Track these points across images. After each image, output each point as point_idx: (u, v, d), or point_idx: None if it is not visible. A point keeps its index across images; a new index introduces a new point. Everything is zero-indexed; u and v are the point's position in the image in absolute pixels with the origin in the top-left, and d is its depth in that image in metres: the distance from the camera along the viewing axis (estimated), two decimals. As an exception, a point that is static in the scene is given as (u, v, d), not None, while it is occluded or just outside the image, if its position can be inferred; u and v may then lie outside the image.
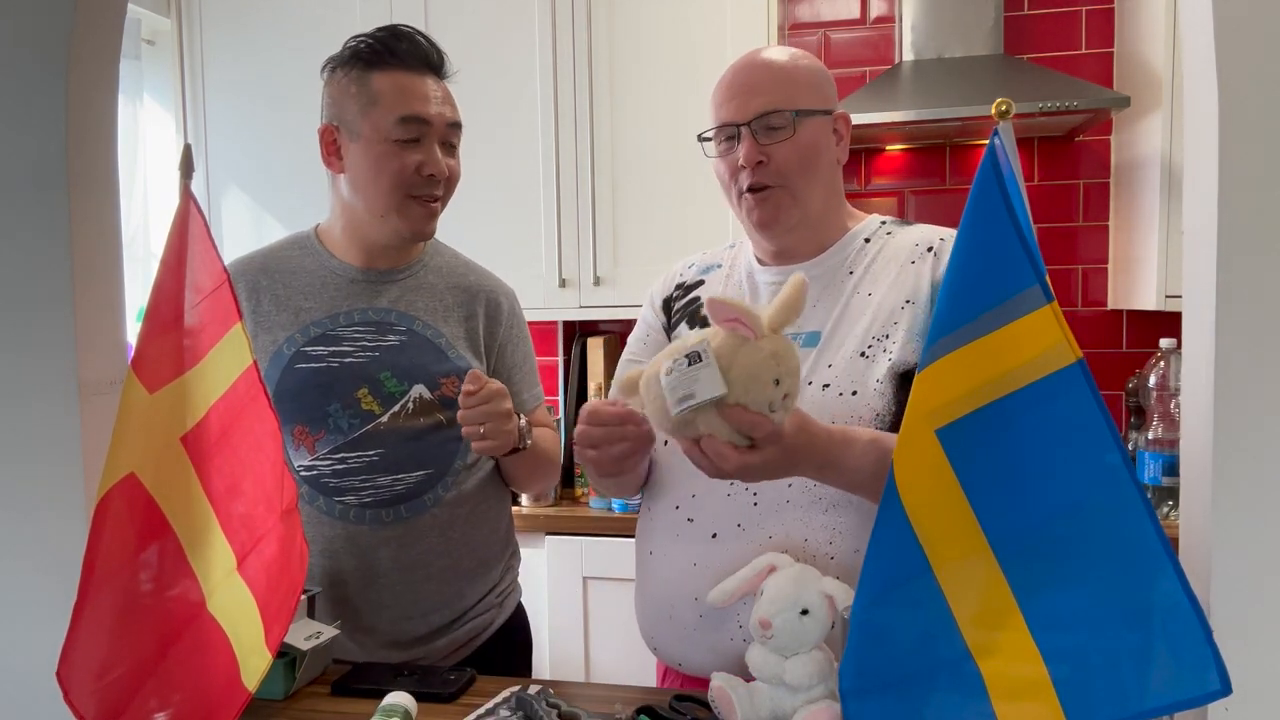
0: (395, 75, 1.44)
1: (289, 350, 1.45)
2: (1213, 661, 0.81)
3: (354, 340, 1.46)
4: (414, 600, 1.46)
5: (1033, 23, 2.76)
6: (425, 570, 1.47)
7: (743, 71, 1.28)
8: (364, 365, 1.45)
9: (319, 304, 1.47)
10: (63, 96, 1.13)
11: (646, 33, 2.62)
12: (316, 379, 1.44)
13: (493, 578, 1.56)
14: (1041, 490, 0.87)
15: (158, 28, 2.97)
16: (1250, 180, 0.87)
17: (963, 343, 0.88)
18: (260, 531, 1.10)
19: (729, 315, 0.99)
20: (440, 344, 1.49)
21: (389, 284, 1.51)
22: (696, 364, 0.98)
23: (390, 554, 1.44)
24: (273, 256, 1.52)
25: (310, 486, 1.44)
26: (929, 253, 1.25)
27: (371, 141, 1.42)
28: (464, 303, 1.54)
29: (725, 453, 1.01)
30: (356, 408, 1.44)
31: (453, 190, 1.50)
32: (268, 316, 1.47)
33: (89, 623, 1.07)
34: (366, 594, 1.45)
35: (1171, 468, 2.26)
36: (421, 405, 1.46)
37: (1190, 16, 0.93)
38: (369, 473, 1.44)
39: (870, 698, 0.95)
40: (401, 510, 1.45)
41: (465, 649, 1.52)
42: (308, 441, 1.44)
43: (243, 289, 1.46)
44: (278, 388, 1.44)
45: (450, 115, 1.46)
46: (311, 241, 1.54)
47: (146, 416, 1.10)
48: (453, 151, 1.49)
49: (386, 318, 1.48)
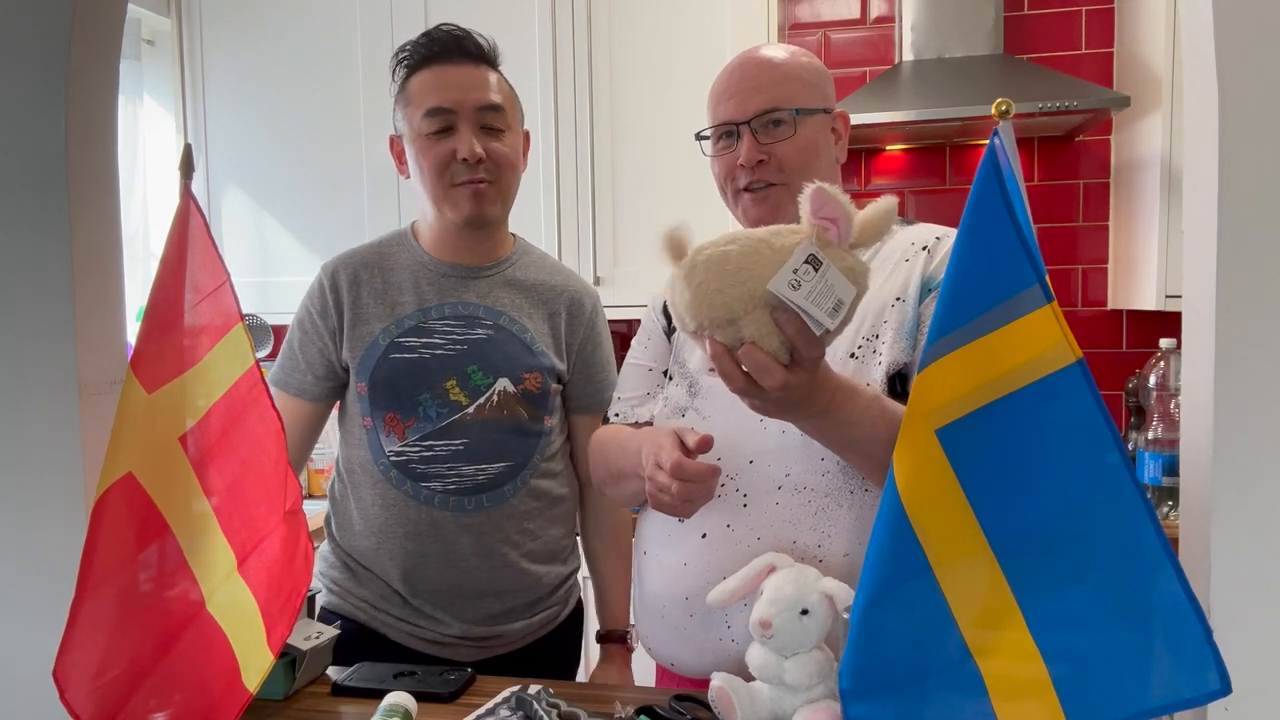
0: (428, 73, 1.49)
1: (384, 341, 1.51)
2: (1213, 661, 0.81)
3: (444, 333, 1.51)
4: (491, 584, 1.51)
5: (1033, 23, 2.76)
6: (504, 558, 1.52)
7: (742, 69, 1.27)
8: (453, 357, 1.50)
9: (412, 297, 1.52)
10: (63, 96, 1.13)
11: (646, 32, 2.62)
12: (409, 369, 1.49)
13: (563, 570, 1.62)
14: (1041, 490, 0.87)
15: (158, 28, 2.97)
16: (1250, 180, 0.87)
17: (963, 343, 0.88)
18: (262, 532, 1.10)
19: (830, 212, 0.90)
20: (526, 339, 1.54)
21: (477, 279, 1.55)
22: (818, 268, 0.87)
23: (471, 540, 1.50)
24: (374, 252, 1.57)
25: (399, 471, 1.49)
26: (922, 250, 1.24)
27: (412, 141, 1.50)
28: (548, 300, 1.58)
29: (770, 366, 0.92)
30: (445, 398, 1.49)
31: (505, 172, 1.51)
32: (365, 308, 1.52)
33: (86, 622, 1.07)
34: (448, 575, 1.50)
35: (1171, 468, 2.26)
36: (505, 399, 1.51)
37: (1190, 16, 0.93)
38: (454, 461, 1.49)
39: (870, 698, 0.95)
40: (483, 500, 1.50)
41: (536, 634, 1.58)
42: (399, 428, 1.49)
43: (345, 281, 1.53)
44: (373, 375, 1.50)
45: (482, 98, 1.48)
46: (407, 237, 1.59)
47: (145, 416, 1.10)
48: (497, 134, 1.49)
49: (475, 312, 1.53)
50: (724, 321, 0.92)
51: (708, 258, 0.92)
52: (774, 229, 0.94)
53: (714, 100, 1.29)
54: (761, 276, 0.91)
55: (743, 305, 0.91)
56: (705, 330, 0.94)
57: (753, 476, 1.20)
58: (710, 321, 0.93)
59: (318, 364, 1.54)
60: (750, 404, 1.01)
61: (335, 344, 1.53)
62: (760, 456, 1.20)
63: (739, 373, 0.96)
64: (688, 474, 1.07)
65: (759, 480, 1.20)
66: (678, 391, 1.31)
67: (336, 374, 1.55)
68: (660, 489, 1.09)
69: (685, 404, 1.29)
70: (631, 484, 1.28)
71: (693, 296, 0.93)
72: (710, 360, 0.96)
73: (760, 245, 0.92)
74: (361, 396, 1.50)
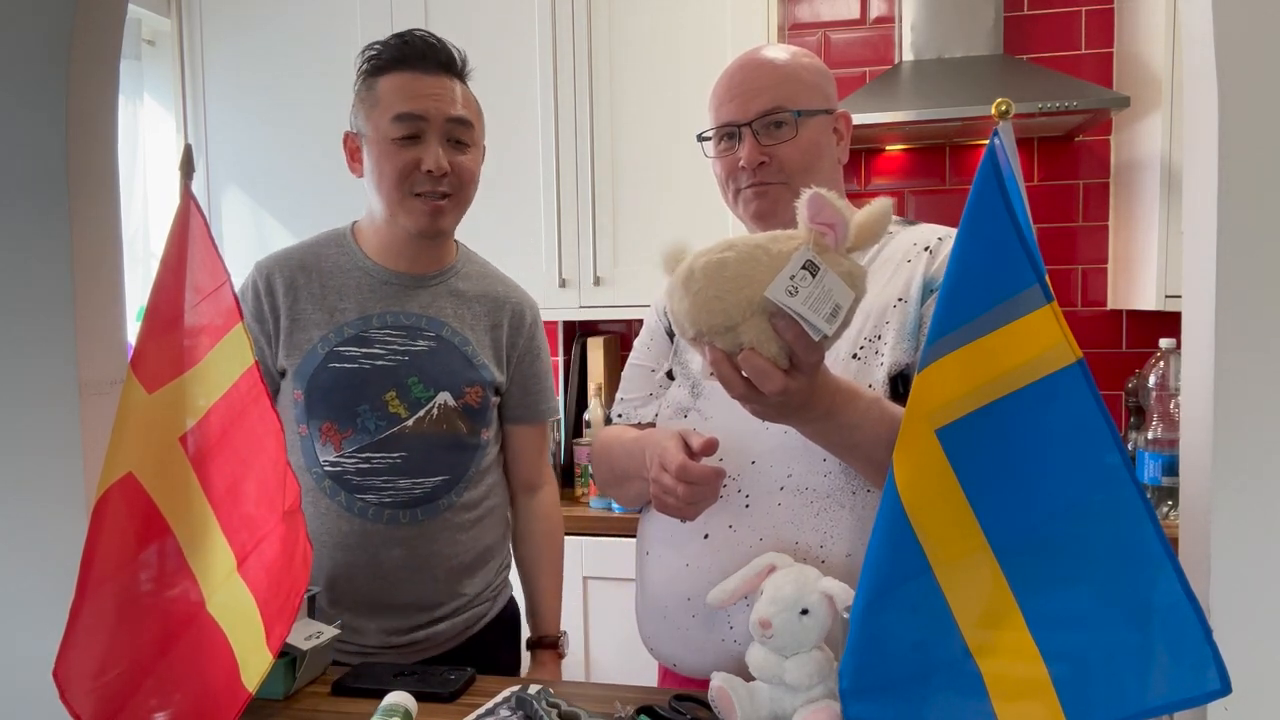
0: (399, 77, 1.46)
1: (323, 349, 1.47)
2: (1212, 661, 0.81)
3: (385, 343, 1.48)
4: (418, 595, 1.49)
5: (1033, 23, 2.76)
6: (432, 571, 1.50)
7: (743, 70, 1.27)
8: (393, 369, 1.47)
9: (353, 304, 1.49)
10: (63, 96, 1.13)
11: (646, 33, 2.62)
12: (349, 379, 1.46)
13: (490, 571, 1.59)
14: (1041, 490, 0.87)
15: (158, 28, 2.97)
16: (1250, 180, 0.87)
17: (963, 343, 0.88)
18: (262, 532, 1.10)
19: (826, 218, 0.89)
20: (467, 351, 1.52)
21: (420, 289, 1.53)
22: (815, 273, 0.88)
23: (401, 553, 1.47)
24: (310, 253, 1.53)
25: (333, 481, 1.46)
26: (925, 251, 1.24)
27: (374, 142, 1.46)
28: (490, 312, 1.56)
29: (770, 372, 0.93)
30: (384, 410, 1.46)
31: (466, 187, 1.50)
32: (304, 314, 1.49)
33: (87, 622, 1.07)
34: (373, 586, 1.47)
35: (1171, 468, 2.26)
36: (445, 413, 1.48)
37: (1190, 16, 0.93)
38: (391, 474, 1.46)
39: (870, 698, 0.95)
40: (417, 514, 1.48)
41: (461, 637, 1.55)
42: (335, 439, 1.46)
43: (280, 284, 1.49)
44: (310, 384, 1.46)
45: (453, 110, 1.46)
46: (348, 240, 1.55)
47: (145, 416, 1.10)
48: (462, 148, 1.48)
49: (417, 322, 1.50)
50: (722, 328, 0.92)
51: (705, 264, 0.92)
52: (771, 234, 0.94)
53: (715, 101, 1.29)
54: (759, 282, 0.91)
55: (741, 312, 0.91)
56: (704, 337, 0.94)
57: (755, 477, 1.20)
58: (709, 328, 0.93)
59: None
60: (751, 409, 1.01)
61: (270, 348, 1.49)
62: (762, 457, 1.20)
63: (739, 378, 0.96)
64: (693, 477, 1.07)
65: (761, 481, 1.20)
66: (680, 392, 1.31)
67: (271, 378, 1.50)
68: (665, 491, 1.09)
69: (687, 405, 1.29)
70: (635, 485, 1.28)
71: (691, 303, 0.93)
72: (710, 367, 0.96)
73: (757, 251, 0.92)
74: (297, 403, 1.46)
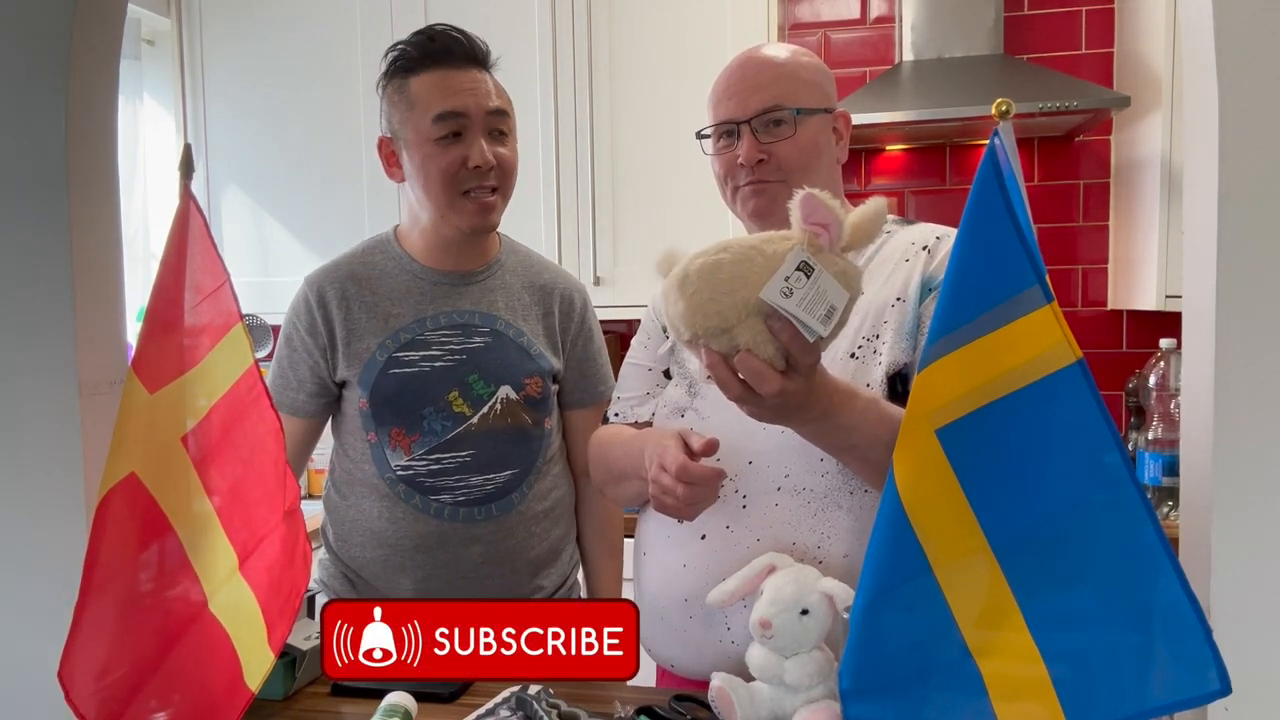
0: (431, 75, 1.45)
1: (382, 356, 1.48)
2: (1212, 661, 0.81)
3: (442, 344, 1.49)
4: (501, 590, 1.51)
5: (1033, 23, 2.76)
6: (512, 564, 1.52)
7: (743, 68, 1.27)
8: (453, 368, 1.48)
9: (406, 309, 1.50)
10: (63, 96, 1.13)
11: (646, 32, 2.62)
12: (411, 383, 1.47)
13: (564, 564, 1.61)
14: (1041, 490, 0.87)
15: (158, 28, 2.97)
16: (1250, 180, 0.87)
17: (963, 343, 0.88)
18: (262, 532, 1.10)
19: (820, 218, 0.89)
20: (523, 343, 1.53)
21: (470, 285, 1.53)
22: (809, 274, 0.87)
23: (481, 550, 1.49)
24: (359, 262, 1.54)
25: (407, 486, 1.48)
26: (923, 250, 1.24)
27: (416, 145, 1.45)
28: (540, 300, 1.58)
29: (766, 373, 0.92)
30: (449, 410, 1.48)
31: (510, 178, 1.50)
32: (360, 324, 1.49)
33: (90, 623, 1.07)
34: (457, 586, 1.49)
35: (1171, 468, 2.26)
36: (508, 406, 1.50)
37: (1190, 16, 0.93)
38: (462, 473, 1.48)
39: (870, 698, 0.95)
40: (492, 509, 1.50)
41: None
42: (404, 443, 1.48)
43: (333, 297, 1.50)
44: (374, 392, 1.47)
45: (491, 103, 1.46)
46: (393, 245, 1.56)
47: (147, 417, 1.10)
48: (502, 139, 1.48)
49: (471, 319, 1.51)
50: (718, 330, 0.91)
51: (700, 267, 0.91)
52: (765, 236, 0.94)
53: (714, 99, 1.29)
54: (754, 284, 0.90)
55: (736, 314, 0.91)
56: (700, 339, 0.94)
57: (752, 477, 1.20)
58: (705, 331, 0.92)
59: (309, 381, 1.52)
60: (748, 411, 1.01)
61: (327, 361, 1.50)
62: (759, 457, 1.20)
63: (735, 380, 0.95)
64: (693, 477, 1.07)
65: (758, 481, 1.20)
66: (677, 392, 1.31)
67: (329, 389, 1.52)
68: (664, 491, 1.09)
69: (685, 404, 1.29)
70: (633, 485, 1.28)
71: (686, 306, 0.92)
72: (706, 369, 0.96)
73: (752, 253, 0.92)
74: (363, 412, 1.48)
